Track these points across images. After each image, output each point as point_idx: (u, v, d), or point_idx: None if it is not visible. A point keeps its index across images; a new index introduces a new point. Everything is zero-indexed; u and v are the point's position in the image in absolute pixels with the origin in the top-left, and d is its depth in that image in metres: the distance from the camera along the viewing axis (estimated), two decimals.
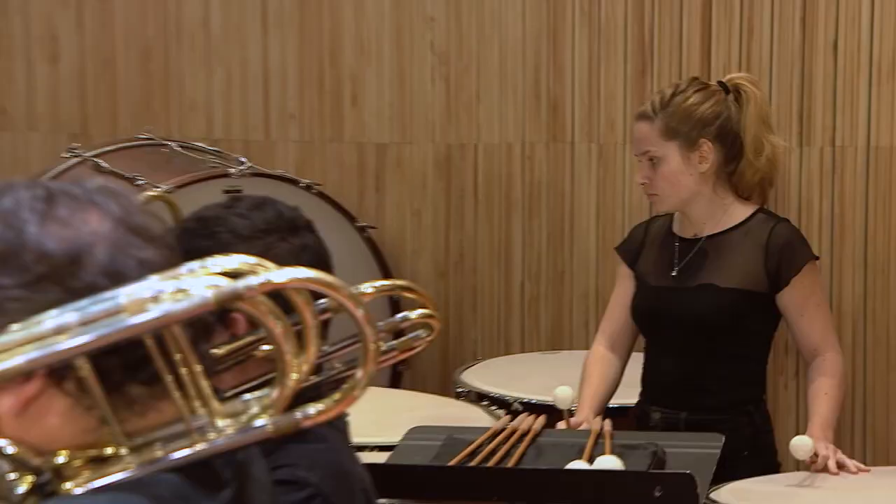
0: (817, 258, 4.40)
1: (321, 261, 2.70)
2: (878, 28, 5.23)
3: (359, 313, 1.80)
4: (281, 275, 1.77)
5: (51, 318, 1.74)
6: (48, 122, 7.82)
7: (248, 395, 1.85)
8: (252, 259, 1.83)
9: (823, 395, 4.21)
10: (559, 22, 5.99)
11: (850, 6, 5.28)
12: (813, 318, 4.30)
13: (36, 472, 1.79)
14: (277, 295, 1.77)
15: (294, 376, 1.80)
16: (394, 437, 3.89)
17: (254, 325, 2.28)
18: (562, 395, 4.19)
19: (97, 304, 1.74)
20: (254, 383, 2.35)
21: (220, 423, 1.80)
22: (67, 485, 1.77)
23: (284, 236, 2.68)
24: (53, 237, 1.78)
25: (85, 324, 1.73)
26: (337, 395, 1.85)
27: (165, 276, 1.77)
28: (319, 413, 1.83)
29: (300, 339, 1.79)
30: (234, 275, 1.78)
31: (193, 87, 7.23)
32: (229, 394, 1.98)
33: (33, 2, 7.74)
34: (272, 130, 6.92)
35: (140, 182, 5.89)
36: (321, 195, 6.03)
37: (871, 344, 5.27)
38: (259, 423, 1.81)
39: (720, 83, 4.43)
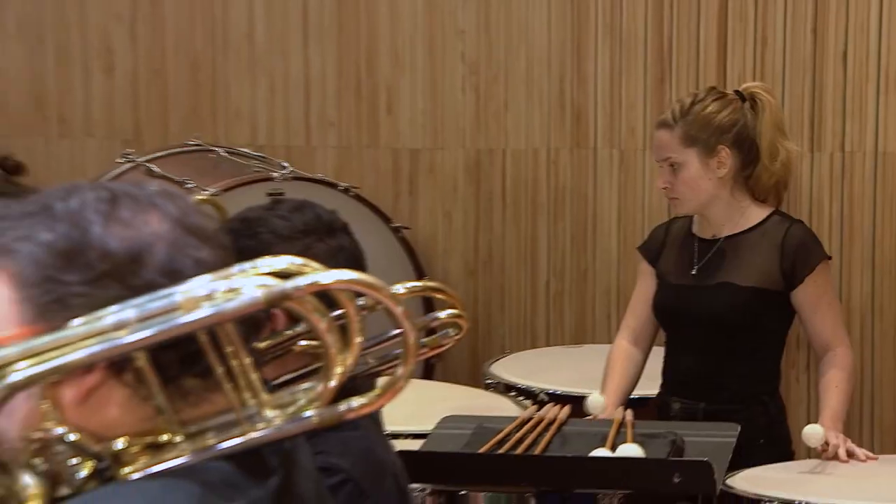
0: (830, 258, 4.36)
1: (356, 261, 2.70)
2: (886, 38, 5.19)
3: (400, 312, 1.81)
4: (327, 276, 1.77)
5: (111, 314, 1.73)
6: (103, 129, 7.84)
7: (295, 388, 1.85)
8: (299, 260, 1.82)
9: (834, 388, 4.18)
10: (583, 34, 5.96)
11: (860, 18, 5.24)
12: (825, 315, 4.26)
13: (96, 457, 1.78)
14: (321, 293, 1.77)
15: (339, 370, 1.80)
16: (427, 426, 3.89)
17: (292, 320, 2.29)
18: (593, 402, 4.16)
19: (155, 302, 1.74)
20: (290, 376, 2.37)
21: (269, 413, 1.81)
22: (125, 470, 1.77)
23: (322, 237, 2.68)
24: (116, 237, 1.77)
25: (143, 320, 1.73)
26: (379, 389, 1.86)
27: (218, 276, 1.77)
28: (363, 406, 1.84)
29: (343, 335, 1.79)
30: (282, 275, 1.78)
31: (239, 95, 7.24)
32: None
33: (90, 16, 7.79)
34: (312, 137, 6.92)
35: (189, 185, 5.90)
36: (358, 198, 6.02)
37: (878, 339, 5.24)
38: (306, 414, 1.81)
39: (737, 92, 4.39)
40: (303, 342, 2.37)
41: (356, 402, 1.83)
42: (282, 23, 6.98)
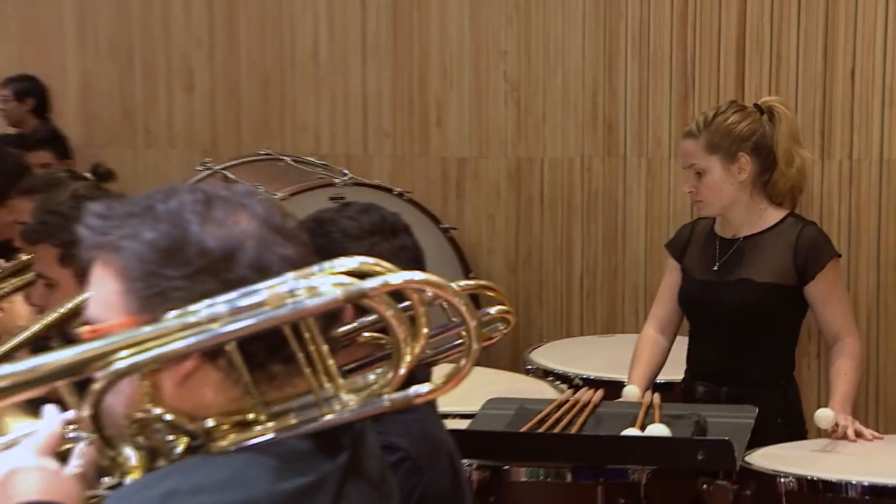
0: (839, 256, 4.29)
1: (416, 259, 2.68)
2: (891, 57, 5.12)
3: (464, 309, 1.85)
4: (398, 277, 1.80)
5: (205, 308, 1.77)
6: (184, 141, 7.92)
7: (367, 374, 1.89)
8: (371, 259, 1.84)
9: (843, 375, 4.11)
10: (614, 54, 5.92)
11: (866, 38, 5.17)
12: (835, 308, 4.19)
13: (191, 434, 1.81)
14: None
15: (408, 359, 1.84)
16: (473, 407, 3.86)
17: (358, 312, 2.29)
18: (630, 392, 4.11)
19: (244, 298, 1.78)
20: (354, 365, 2.36)
21: (345, 396, 1.84)
22: (216, 445, 1.81)
23: (387, 237, 2.67)
24: (212, 235, 1.80)
25: (233, 314, 1.77)
26: (445, 377, 1.88)
27: (300, 275, 1.80)
28: (431, 391, 1.88)
29: (411, 327, 1.83)
30: (355, 274, 1.81)
31: (304, 110, 7.23)
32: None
33: (173, 39, 7.85)
34: (370, 147, 6.92)
35: (260, 191, 5.84)
36: (411, 201, 5.99)
37: (883, 330, 5.16)
38: (379, 399, 1.84)
39: (756, 105, 4.33)
40: (366, 333, 2.39)
41: (425, 388, 1.87)
42: (343, 45, 6.99)
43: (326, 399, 1.82)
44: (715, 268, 4.27)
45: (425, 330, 1.83)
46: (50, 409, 1.90)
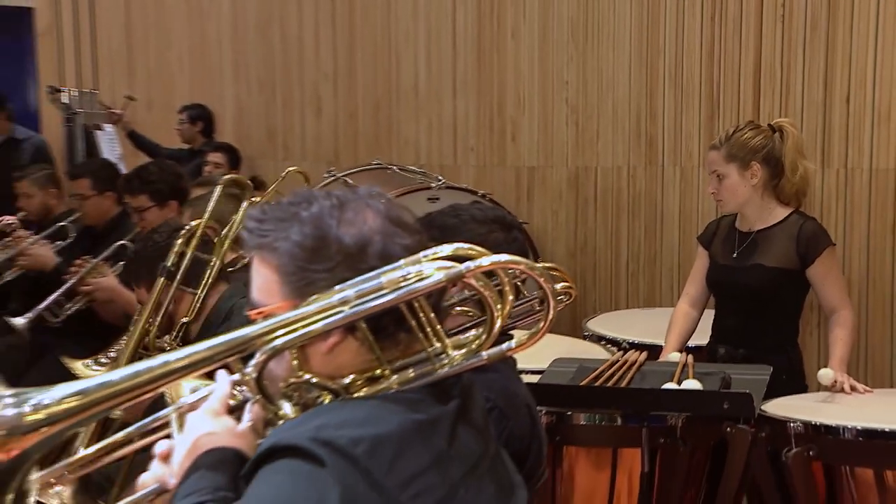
0: (834, 244, 4.21)
1: (522, 251, 2.59)
2: (879, 86, 5.05)
3: (545, 283, 1.87)
4: (488, 259, 1.82)
5: (338, 293, 1.79)
6: (314, 154, 7.97)
7: (469, 335, 1.91)
8: (466, 245, 1.85)
9: (840, 341, 4.06)
10: (653, 83, 5.87)
11: (858, 71, 5.10)
12: (832, 286, 4.12)
13: (333, 391, 1.84)
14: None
15: (499, 323, 1.85)
16: (542, 365, 3.82)
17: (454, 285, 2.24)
18: (673, 358, 4.05)
19: (367, 283, 1.80)
20: (458, 329, 2.32)
21: (452, 353, 1.86)
22: (352, 396, 1.85)
23: (502, 229, 2.63)
24: (347, 234, 1.82)
25: (359, 297, 1.79)
26: (527, 336, 1.89)
27: (410, 261, 1.81)
28: (518, 346, 1.90)
29: (500, 297, 1.85)
30: (455, 258, 1.82)
31: (407, 129, 7.27)
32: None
33: (306, 75, 7.95)
34: (458, 158, 6.94)
35: (378, 191, 5.95)
36: (491, 201, 5.91)
37: (871, 304, 5.10)
38: (478, 354, 1.87)
39: (769, 124, 4.27)
40: (458, 308, 2.37)
41: (514, 343, 1.89)
42: (437, 78, 7.02)
43: (437, 356, 1.85)
44: (734, 255, 4.22)
45: (511, 299, 1.85)
46: (221, 374, 1.94)
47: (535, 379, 3.62)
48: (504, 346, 1.88)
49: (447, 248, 1.84)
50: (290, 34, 7.96)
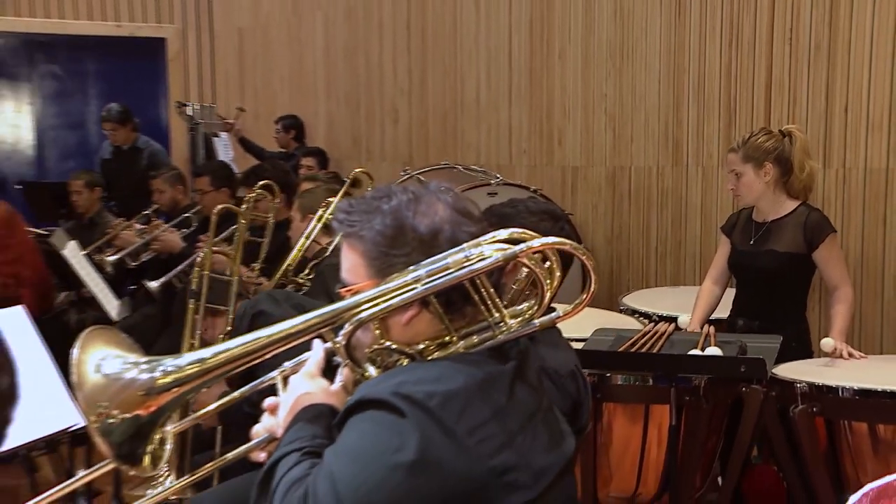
0: (836, 231, 4.16)
1: (568, 238, 2.56)
2: (872, 98, 4.93)
3: (585, 259, 1.89)
4: (539, 241, 1.84)
5: (412, 273, 1.82)
6: (391, 157, 7.97)
7: (523, 305, 1.91)
8: (519, 230, 1.86)
9: (840, 314, 4.01)
10: (679, 96, 5.78)
11: (855, 85, 4.98)
12: (834, 267, 4.07)
13: (409, 355, 1.86)
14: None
15: (549, 294, 1.88)
16: (585, 334, 3.80)
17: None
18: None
19: (436, 264, 1.82)
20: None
21: (509, 321, 1.87)
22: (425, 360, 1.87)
23: (551, 219, 2.63)
24: (421, 224, 1.83)
25: (430, 275, 1.81)
26: (571, 306, 1.93)
27: (472, 244, 1.82)
28: (564, 315, 1.93)
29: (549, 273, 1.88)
30: (510, 241, 1.83)
31: (470, 135, 7.24)
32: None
33: (385, 90, 7.93)
34: (513, 159, 6.89)
35: (447, 186, 6.00)
36: (541, 195, 5.89)
37: (865, 282, 4.98)
38: (531, 322, 1.88)
39: (780, 130, 4.23)
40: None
41: (560, 311, 1.92)
42: (496, 92, 6.98)
43: (497, 324, 1.85)
44: (751, 242, 4.18)
45: (558, 275, 1.88)
46: (316, 343, 1.95)
47: (579, 346, 3.60)
48: (552, 314, 1.89)
49: (503, 233, 1.84)
50: (372, 57, 7.98)
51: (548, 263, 1.87)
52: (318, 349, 1.95)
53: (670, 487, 3.48)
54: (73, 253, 5.39)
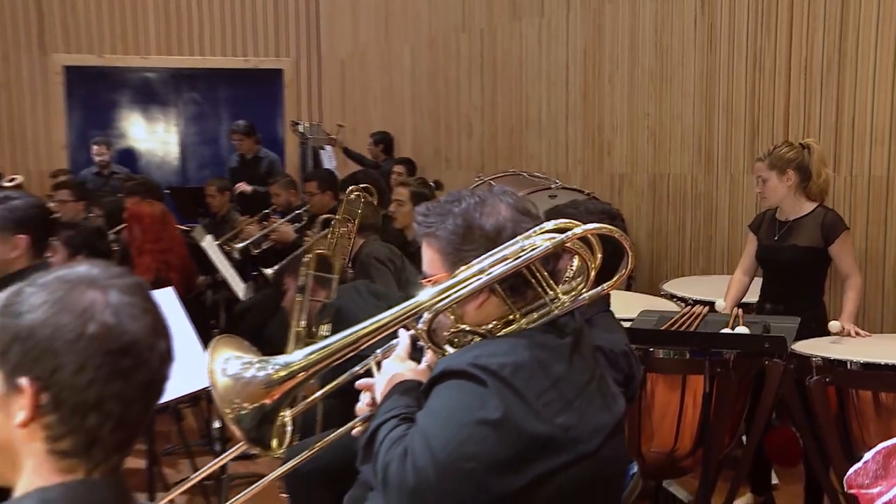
0: (849, 229, 4.11)
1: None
2: (875, 116, 4.85)
3: (623, 240, 1.87)
4: (582, 228, 1.81)
5: (477, 265, 1.80)
6: (466, 165, 7.96)
7: (573, 283, 1.88)
8: (564, 220, 1.83)
9: (850, 300, 3.97)
10: (711, 114, 5.72)
11: (860, 102, 4.89)
12: (846, 259, 4.03)
13: (480, 335, 1.84)
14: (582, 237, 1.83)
15: (593, 273, 1.85)
16: (632, 315, 3.77)
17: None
18: (719, 306, 4.04)
19: (496, 256, 1.79)
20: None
21: (562, 297, 1.84)
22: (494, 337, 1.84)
23: (608, 218, 2.59)
24: (487, 223, 1.81)
25: (492, 265, 1.79)
26: (613, 280, 1.90)
27: (524, 237, 1.79)
28: (607, 288, 1.88)
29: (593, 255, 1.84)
30: (558, 230, 1.81)
31: (533, 147, 7.19)
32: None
33: (461, 107, 7.89)
34: (569, 167, 6.84)
35: (510, 190, 5.94)
36: (594, 198, 5.84)
37: (868, 273, 4.88)
38: (581, 296, 1.86)
39: (800, 143, 4.18)
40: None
41: (606, 286, 1.88)
42: (555, 111, 6.95)
43: (552, 301, 1.83)
44: (775, 238, 4.13)
45: (600, 256, 1.83)
46: (402, 331, 1.93)
47: (628, 325, 3.60)
48: (598, 289, 1.86)
49: (550, 224, 1.82)
50: (451, 81, 8.00)
51: (591, 246, 1.84)
52: (405, 336, 1.94)
53: (703, 444, 3.44)
54: (209, 245, 5.53)
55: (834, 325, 3.81)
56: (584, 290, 1.84)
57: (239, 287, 5.56)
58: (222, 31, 9.60)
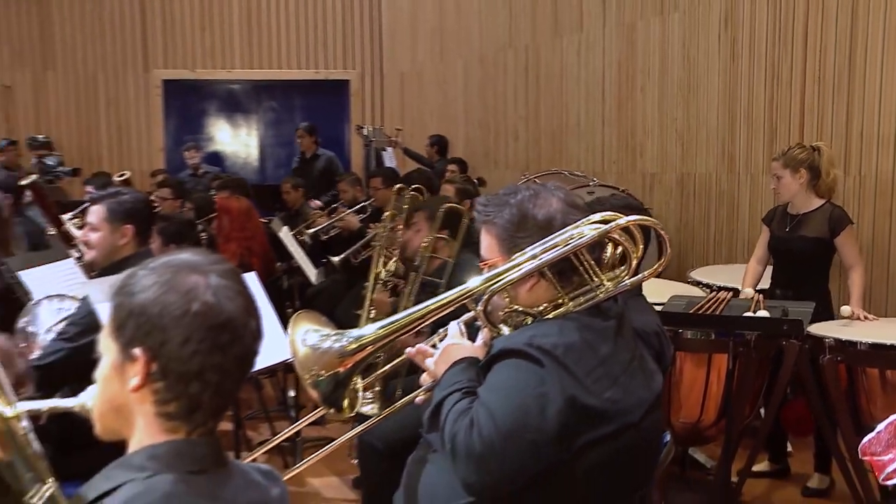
0: (853, 223, 4.06)
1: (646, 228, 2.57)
2: (882, 121, 4.74)
3: (661, 231, 1.85)
4: (624, 219, 1.78)
5: (530, 251, 1.78)
6: (513, 165, 7.91)
7: (616, 270, 1.82)
8: (609, 213, 1.80)
9: (856, 287, 3.92)
10: (734, 121, 5.64)
11: (868, 110, 4.80)
12: (851, 251, 3.97)
13: (532, 316, 1.80)
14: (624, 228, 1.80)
15: (635, 262, 1.80)
16: (663, 299, 3.75)
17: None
18: (747, 293, 3.94)
19: (546, 243, 1.76)
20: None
21: (606, 283, 1.80)
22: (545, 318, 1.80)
23: (634, 211, 2.50)
24: (540, 214, 1.79)
25: (544, 251, 1.76)
26: (650, 269, 1.84)
27: (572, 226, 1.76)
28: (646, 275, 1.84)
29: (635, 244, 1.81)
30: (602, 221, 1.77)
31: (573, 150, 7.16)
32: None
33: (508, 117, 7.92)
34: (605, 167, 6.79)
35: (558, 186, 5.95)
36: (628, 194, 5.76)
37: (874, 263, 4.79)
38: (623, 282, 1.81)
39: (811, 146, 4.12)
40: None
41: (647, 273, 1.83)
42: (592, 118, 6.90)
43: (597, 286, 1.79)
44: (787, 230, 4.08)
45: (641, 246, 1.80)
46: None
47: (659, 308, 3.59)
48: (639, 276, 1.83)
49: (597, 216, 1.78)
50: (499, 92, 7.99)
51: (633, 236, 1.81)
52: (463, 316, 1.91)
53: (726, 416, 3.45)
54: (285, 235, 5.60)
55: (845, 310, 3.76)
56: (627, 276, 1.81)
57: (311, 272, 5.62)
58: (297, 47, 9.72)
